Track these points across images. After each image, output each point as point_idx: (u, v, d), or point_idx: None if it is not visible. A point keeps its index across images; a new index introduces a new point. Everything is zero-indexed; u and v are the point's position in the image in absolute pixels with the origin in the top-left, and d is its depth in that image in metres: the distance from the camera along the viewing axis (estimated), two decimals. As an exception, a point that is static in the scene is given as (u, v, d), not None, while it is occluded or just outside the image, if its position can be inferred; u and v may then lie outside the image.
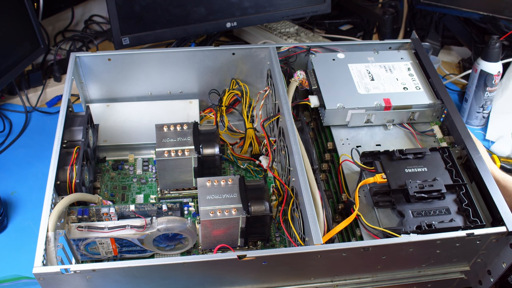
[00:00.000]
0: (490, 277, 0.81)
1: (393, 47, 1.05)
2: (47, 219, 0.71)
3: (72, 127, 0.87)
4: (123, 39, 1.08)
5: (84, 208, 0.79)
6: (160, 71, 1.01)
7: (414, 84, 0.95)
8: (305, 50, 1.02)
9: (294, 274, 0.75)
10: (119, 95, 1.04)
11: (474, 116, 1.16)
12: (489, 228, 0.74)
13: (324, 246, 0.69)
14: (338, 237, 0.80)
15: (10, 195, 0.99)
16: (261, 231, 0.83)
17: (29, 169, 1.04)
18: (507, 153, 1.10)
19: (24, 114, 1.15)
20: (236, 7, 1.15)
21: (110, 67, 0.99)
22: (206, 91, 1.06)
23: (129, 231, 0.79)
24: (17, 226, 0.94)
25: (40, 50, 1.16)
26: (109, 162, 1.00)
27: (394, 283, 0.80)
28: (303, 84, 0.97)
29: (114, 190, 0.95)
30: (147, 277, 0.70)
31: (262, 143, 1.00)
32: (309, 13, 1.25)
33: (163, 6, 1.09)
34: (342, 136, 0.93)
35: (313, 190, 0.77)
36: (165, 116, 1.02)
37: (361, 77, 0.95)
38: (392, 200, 0.79)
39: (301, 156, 0.80)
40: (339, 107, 0.90)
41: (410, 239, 0.71)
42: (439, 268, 0.80)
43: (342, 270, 0.76)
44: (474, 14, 1.21)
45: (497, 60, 1.09)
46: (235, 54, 1.01)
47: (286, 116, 0.86)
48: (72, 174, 0.79)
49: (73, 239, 0.78)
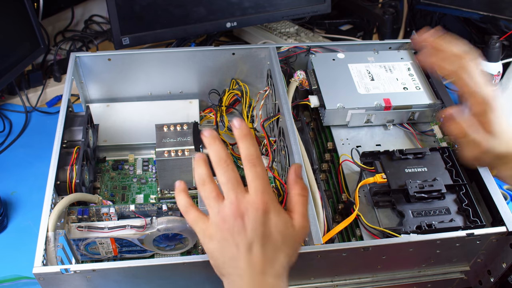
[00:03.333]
0: (490, 277, 0.81)
1: (393, 47, 1.05)
2: (47, 219, 0.71)
3: (72, 127, 0.87)
4: (123, 39, 1.08)
5: (84, 208, 0.79)
6: (160, 71, 1.01)
7: (414, 84, 0.95)
8: (305, 50, 1.02)
9: (294, 274, 0.75)
10: (119, 95, 1.04)
11: (474, 116, 1.16)
12: (489, 228, 0.74)
13: (324, 246, 0.69)
14: (338, 237, 0.80)
15: (10, 195, 0.99)
16: (261, 231, 0.83)
17: (29, 169, 1.04)
18: (507, 153, 1.10)
19: (24, 114, 1.15)
20: (236, 7, 1.15)
21: (110, 67, 0.99)
22: (206, 91, 1.06)
23: (129, 231, 0.79)
24: (17, 226, 0.94)
25: (40, 50, 1.16)
26: (109, 162, 1.00)
27: (394, 283, 0.80)
28: (303, 84, 0.97)
29: (114, 190, 0.95)
30: (147, 277, 0.70)
31: (262, 143, 1.00)
32: (309, 13, 1.25)
33: (163, 6, 1.09)
34: (342, 136, 0.93)
35: (313, 190, 0.77)
36: (165, 116, 1.02)
37: (361, 77, 0.95)
38: (392, 200, 0.79)
39: (301, 156, 0.80)
40: (339, 107, 0.90)
41: (410, 239, 0.71)
42: (439, 268, 0.80)
43: (342, 270, 0.76)
44: (474, 14, 1.21)
45: (497, 60, 1.09)
46: (235, 54, 1.01)
47: (286, 116, 0.86)
48: (72, 174, 0.79)
49: (73, 239, 0.78)
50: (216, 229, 0.57)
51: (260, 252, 0.55)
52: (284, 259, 0.57)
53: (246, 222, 0.55)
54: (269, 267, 0.55)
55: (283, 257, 0.56)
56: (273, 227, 0.56)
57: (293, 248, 0.58)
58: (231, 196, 0.56)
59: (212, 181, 0.58)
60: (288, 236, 0.57)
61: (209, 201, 0.58)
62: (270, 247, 0.55)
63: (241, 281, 0.55)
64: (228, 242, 0.56)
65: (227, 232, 0.56)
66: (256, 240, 0.55)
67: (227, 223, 0.56)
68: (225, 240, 0.56)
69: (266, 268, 0.55)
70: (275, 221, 0.56)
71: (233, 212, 0.55)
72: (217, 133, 0.60)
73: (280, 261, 0.56)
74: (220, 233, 0.56)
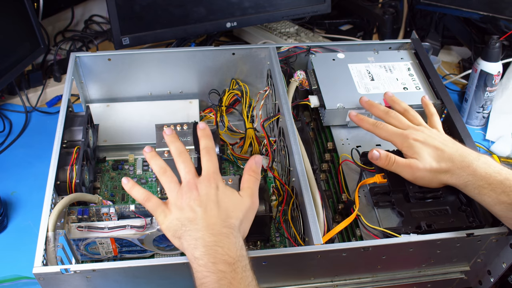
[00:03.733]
0: (490, 277, 0.81)
1: (393, 47, 1.05)
2: (47, 219, 0.71)
3: (72, 127, 0.87)
4: (123, 39, 1.08)
5: (84, 208, 0.79)
6: (160, 71, 1.01)
7: (414, 84, 0.95)
8: (305, 50, 1.02)
9: (294, 274, 0.75)
10: (119, 95, 1.04)
11: (474, 116, 1.16)
12: (489, 228, 0.74)
13: (324, 246, 0.70)
14: (338, 237, 0.80)
15: (10, 195, 0.99)
16: (261, 231, 0.83)
17: (29, 169, 1.04)
18: (507, 153, 1.10)
19: (24, 114, 1.15)
20: (236, 7, 1.15)
21: (110, 67, 0.99)
22: (206, 91, 1.06)
23: (129, 231, 0.79)
24: (17, 226, 0.94)
25: (40, 50, 1.16)
26: (109, 162, 1.00)
27: (394, 283, 0.80)
28: (303, 84, 0.97)
29: (114, 190, 0.95)
30: (147, 277, 0.70)
31: (262, 143, 1.00)
32: (309, 13, 1.25)
33: (163, 6, 1.09)
34: (342, 136, 0.93)
35: (313, 190, 0.77)
36: (165, 116, 1.02)
37: (361, 77, 0.95)
38: (392, 200, 0.79)
39: (301, 156, 0.80)
40: (339, 107, 0.90)
41: (410, 239, 0.71)
42: (439, 268, 0.80)
43: (342, 270, 0.76)
44: (474, 14, 1.21)
45: (497, 60, 1.09)
46: (235, 54, 1.01)
47: (286, 116, 0.86)
48: (72, 174, 0.79)
49: (73, 239, 0.78)
50: (174, 205, 0.66)
51: (213, 211, 0.64)
52: (235, 221, 0.65)
53: (200, 191, 0.65)
54: (221, 220, 0.64)
55: (234, 219, 0.65)
56: (222, 194, 0.67)
57: (243, 213, 0.67)
58: (188, 177, 0.67)
59: (170, 170, 0.69)
60: (236, 203, 0.67)
61: (169, 185, 0.67)
62: (222, 209, 0.65)
63: (197, 233, 0.62)
64: (185, 210, 0.65)
65: (185, 202, 0.65)
66: (209, 203, 0.65)
67: (184, 196, 0.65)
68: (183, 209, 0.65)
69: (219, 221, 0.64)
70: (223, 190, 0.67)
71: (189, 187, 0.66)
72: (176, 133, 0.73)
73: (231, 220, 0.65)
74: (178, 205, 0.65)
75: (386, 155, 0.77)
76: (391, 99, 0.86)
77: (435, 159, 0.74)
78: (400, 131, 0.78)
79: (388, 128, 0.79)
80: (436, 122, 0.82)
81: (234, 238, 0.63)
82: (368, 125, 0.82)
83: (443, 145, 0.75)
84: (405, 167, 0.76)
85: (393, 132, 0.79)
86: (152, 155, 0.71)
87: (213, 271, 0.60)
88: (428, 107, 0.84)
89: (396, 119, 0.80)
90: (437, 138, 0.77)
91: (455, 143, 0.76)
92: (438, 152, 0.75)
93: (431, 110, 0.84)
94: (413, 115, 0.81)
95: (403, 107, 0.83)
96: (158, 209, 0.67)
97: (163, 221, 0.66)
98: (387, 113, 0.82)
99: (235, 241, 0.63)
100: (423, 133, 0.77)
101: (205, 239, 0.62)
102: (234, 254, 0.61)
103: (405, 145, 0.77)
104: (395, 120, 0.80)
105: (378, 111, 0.83)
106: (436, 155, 0.75)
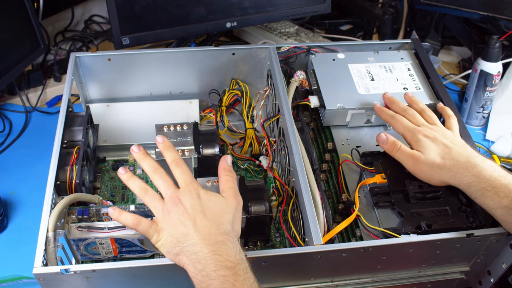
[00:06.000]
0: (490, 277, 0.81)
1: (393, 47, 1.05)
2: (47, 219, 0.71)
3: (72, 127, 0.87)
4: (123, 39, 1.08)
5: (84, 208, 0.79)
6: (160, 71, 1.01)
7: (414, 84, 0.95)
8: (305, 50, 1.02)
9: (294, 274, 0.75)
10: (119, 95, 1.04)
11: (474, 116, 1.16)
12: (489, 228, 0.74)
13: (324, 246, 0.70)
14: (338, 237, 0.80)
15: (10, 195, 0.99)
16: (261, 232, 0.83)
17: (29, 169, 1.04)
18: (507, 153, 1.10)
19: (24, 114, 1.15)
20: (236, 7, 1.15)
21: (110, 67, 0.99)
22: (206, 91, 1.06)
23: (129, 231, 0.79)
24: (17, 226, 0.94)
25: (40, 50, 1.16)
26: (109, 162, 1.00)
27: (394, 283, 0.80)
28: (303, 84, 0.97)
29: (114, 190, 0.95)
30: (147, 277, 0.70)
31: (262, 143, 1.00)
32: (309, 13, 1.25)
33: (163, 6, 1.09)
34: (342, 136, 0.93)
35: (313, 190, 0.77)
36: (165, 116, 1.02)
37: (361, 77, 0.95)
38: (392, 201, 0.79)
39: (301, 156, 0.80)
40: (339, 107, 0.90)
41: (410, 240, 0.72)
42: (439, 268, 0.80)
43: (342, 270, 0.76)
44: (474, 14, 1.21)
45: (497, 60, 1.09)
46: (235, 54, 1.01)
47: (286, 116, 0.86)
48: (72, 174, 0.79)
49: (73, 239, 0.78)
50: (164, 222, 0.66)
51: (204, 221, 0.65)
52: (228, 225, 0.66)
53: (185, 205, 0.66)
54: (214, 229, 0.64)
55: (226, 223, 0.66)
56: (207, 201, 0.67)
57: (232, 215, 0.68)
58: (169, 192, 0.67)
59: (151, 188, 0.69)
60: (223, 207, 0.68)
61: (154, 203, 0.68)
62: (210, 216, 0.65)
63: (195, 247, 0.63)
64: (176, 225, 0.65)
65: (174, 218, 0.65)
66: (197, 214, 0.65)
67: (171, 211, 0.66)
68: (174, 225, 0.65)
69: (212, 230, 0.64)
70: (206, 197, 0.67)
71: (173, 201, 0.66)
72: (144, 149, 0.71)
73: (224, 225, 0.66)
74: (168, 222, 0.66)
75: (393, 140, 0.80)
76: (410, 99, 0.88)
77: (440, 155, 0.76)
78: (413, 126, 0.80)
79: (404, 121, 0.82)
80: (453, 124, 0.83)
81: (231, 243, 0.64)
82: (387, 116, 0.85)
83: (452, 144, 0.77)
84: (408, 157, 0.78)
85: (407, 126, 0.81)
86: (141, 155, 0.70)
87: (215, 277, 0.61)
88: (444, 110, 0.86)
89: (412, 116, 0.83)
90: (448, 137, 0.78)
91: (465, 145, 0.78)
92: (445, 150, 0.76)
93: (448, 113, 0.85)
94: (429, 115, 0.84)
95: (421, 107, 0.86)
96: (150, 230, 0.67)
97: (157, 239, 0.66)
98: (405, 111, 0.84)
99: (232, 246, 0.64)
100: (435, 131, 0.79)
101: (204, 251, 0.62)
102: (233, 259, 0.62)
103: (414, 139, 0.79)
104: (411, 117, 0.83)
105: (397, 107, 0.86)
106: (443, 152, 0.76)
